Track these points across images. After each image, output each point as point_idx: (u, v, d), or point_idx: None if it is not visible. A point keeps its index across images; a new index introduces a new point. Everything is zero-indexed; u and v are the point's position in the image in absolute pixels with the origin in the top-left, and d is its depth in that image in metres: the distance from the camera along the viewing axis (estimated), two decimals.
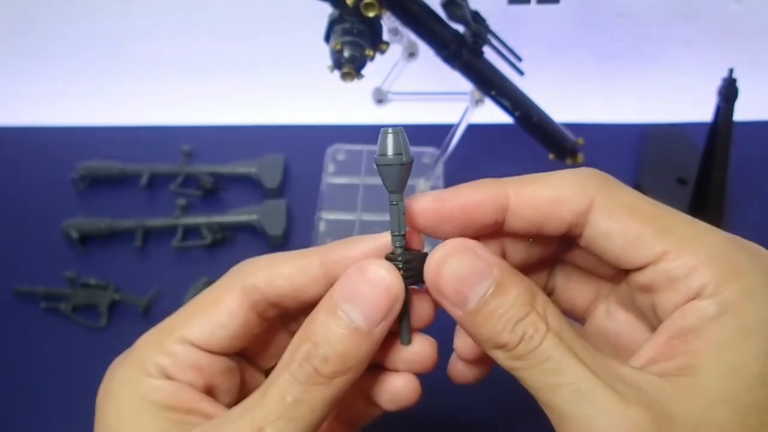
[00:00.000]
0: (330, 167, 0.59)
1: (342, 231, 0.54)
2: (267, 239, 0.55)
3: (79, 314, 0.51)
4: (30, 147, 0.64)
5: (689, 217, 0.25)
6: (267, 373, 0.31)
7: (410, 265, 0.26)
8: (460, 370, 0.30)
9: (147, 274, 0.53)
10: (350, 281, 0.26)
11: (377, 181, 0.58)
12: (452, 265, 0.25)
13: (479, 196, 0.26)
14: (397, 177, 0.26)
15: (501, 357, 0.24)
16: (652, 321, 0.26)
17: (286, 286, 0.28)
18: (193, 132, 0.63)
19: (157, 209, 0.57)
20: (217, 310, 0.28)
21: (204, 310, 0.29)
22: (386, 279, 0.25)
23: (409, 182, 0.57)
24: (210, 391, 0.29)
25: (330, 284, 0.27)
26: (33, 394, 0.46)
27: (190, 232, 0.55)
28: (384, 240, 0.27)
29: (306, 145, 0.60)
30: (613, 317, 0.29)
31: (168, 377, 0.28)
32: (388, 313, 0.25)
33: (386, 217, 0.27)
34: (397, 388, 0.29)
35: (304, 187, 0.58)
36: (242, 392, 0.30)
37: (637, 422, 0.22)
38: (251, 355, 0.31)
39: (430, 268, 0.25)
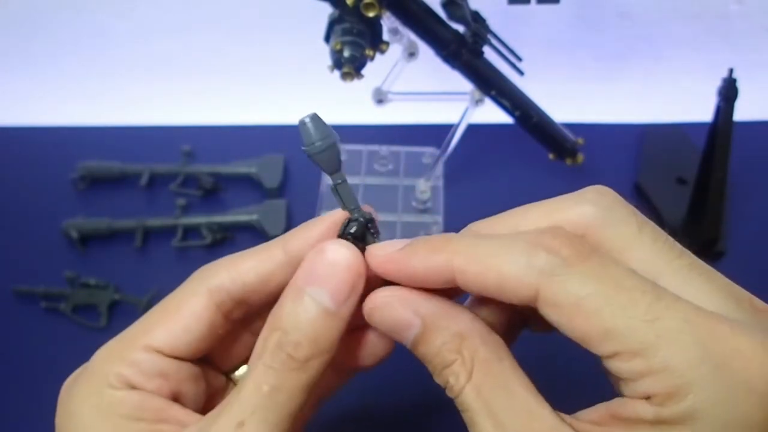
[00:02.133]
0: None
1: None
2: (267, 239, 0.54)
3: (79, 314, 0.51)
4: (30, 147, 0.64)
5: (651, 307, 0.22)
6: (230, 376, 0.31)
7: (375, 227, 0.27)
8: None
9: (147, 274, 0.53)
10: (312, 264, 0.26)
11: (377, 181, 0.58)
12: (380, 316, 0.26)
13: (423, 270, 0.25)
14: (332, 158, 0.27)
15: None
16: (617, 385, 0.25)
17: (251, 278, 0.28)
18: (193, 132, 0.63)
19: (157, 209, 0.57)
20: (182, 314, 0.28)
21: (167, 316, 0.28)
22: (346, 256, 0.26)
23: (410, 182, 0.57)
24: (177, 398, 0.28)
25: (294, 268, 0.27)
26: (33, 394, 0.46)
27: (190, 232, 0.55)
28: (339, 215, 0.28)
29: None
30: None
31: (132, 387, 0.27)
32: (353, 290, 0.26)
33: (387, 217, 0.27)
34: (373, 342, 0.30)
35: (304, 187, 0.58)
36: (207, 397, 0.30)
37: None
38: (213, 359, 0.31)
39: (365, 311, 0.27)
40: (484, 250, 0.25)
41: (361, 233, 0.27)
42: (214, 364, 0.31)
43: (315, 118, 0.26)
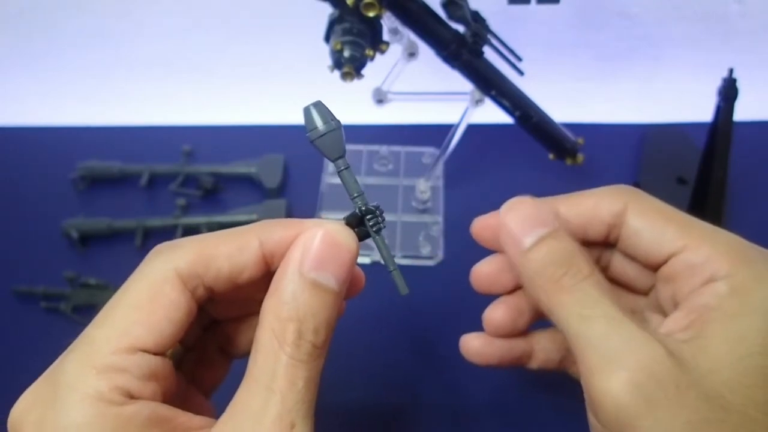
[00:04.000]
0: (330, 167, 0.59)
1: None
2: None
3: (79, 314, 0.51)
4: (30, 147, 0.64)
5: (707, 223, 0.30)
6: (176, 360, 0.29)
7: (376, 219, 0.28)
8: (476, 346, 0.36)
9: None
10: (316, 249, 0.26)
11: (377, 181, 0.58)
12: (520, 209, 0.31)
13: (537, 210, 0.31)
14: (334, 144, 0.28)
15: (542, 292, 0.29)
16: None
17: (225, 267, 0.27)
18: (193, 132, 0.63)
19: (157, 209, 0.57)
20: (159, 305, 0.25)
21: (142, 309, 0.25)
22: (348, 241, 0.26)
23: (410, 182, 0.57)
24: (164, 399, 0.26)
25: (266, 264, 0.27)
26: None
27: (190, 232, 0.55)
28: (318, 227, 0.27)
29: (306, 145, 0.60)
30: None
31: (131, 397, 0.24)
32: (350, 271, 0.27)
33: (387, 217, 0.28)
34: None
35: (304, 187, 0.58)
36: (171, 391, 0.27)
37: (656, 356, 0.26)
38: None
39: (503, 208, 0.32)
40: (577, 193, 0.33)
41: (356, 222, 0.27)
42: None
43: (318, 104, 0.28)
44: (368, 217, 0.27)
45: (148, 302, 0.25)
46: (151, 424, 0.24)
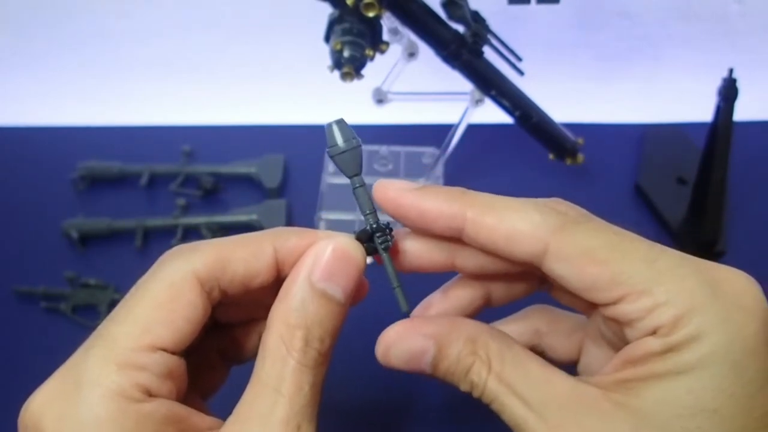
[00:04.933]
0: (330, 167, 0.59)
1: (342, 231, 0.54)
2: None
3: (79, 314, 0.51)
4: (30, 147, 0.64)
5: (650, 251, 0.25)
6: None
7: (385, 237, 0.28)
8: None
9: None
10: (327, 260, 0.27)
11: (377, 181, 0.58)
12: (395, 354, 0.28)
13: (435, 211, 0.27)
14: (352, 162, 0.28)
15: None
16: (620, 345, 0.27)
17: (240, 271, 0.27)
18: (193, 132, 0.63)
19: (157, 209, 0.57)
20: (179, 305, 0.26)
21: (163, 308, 0.26)
22: (358, 255, 0.27)
23: None
24: (179, 399, 0.26)
25: (277, 271, 0.28)
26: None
27: (190, 232, 0.55)
28: (330, 239, 0.28)
29: (306, 145, 0.60)
30: (588, 352, 0.31)
31: (150, 395, 0.25)
32: (355, 285, 0.27)
33: (387, 218, 0.28)
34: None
35: (304, 187, 0.58)
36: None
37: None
38: None
39: (379, 354, 0.28)
40: (498, 205, 0.27)
41: (366, 238, 0.28)
42: None
43: (341, 122, 0.28)
44: (378, 234, 0.28)
45: (168, 301, 0.26)
46: (168, 421, 0.24)
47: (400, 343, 0.28)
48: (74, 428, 0.23)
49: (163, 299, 0.26)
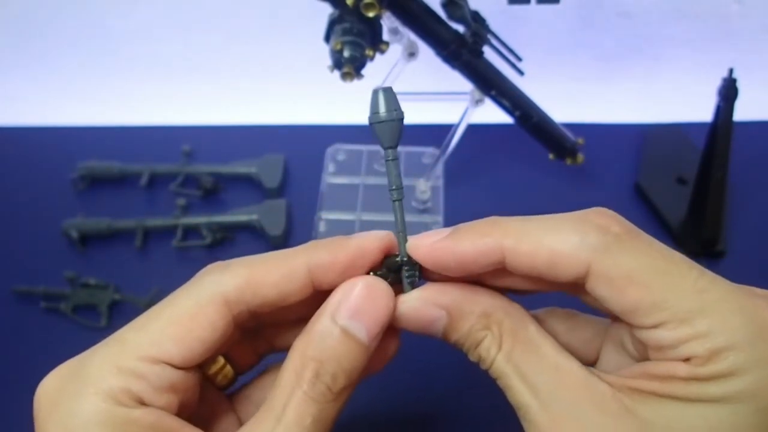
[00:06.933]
0: (330, 167, 0.59)
1: (342, 231, 0.54)
2: (267, 239, 0.55)
3: (79, 314, 0.51)
4: (30, 147, 0.64)
5: (699, 280, 0.24)
6: (211, 378, 0.30)
7: (413, 272, 0.28)
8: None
9: (147, 274, 0.53)
10: (351, 298, 0.26)
11: (377, 181, 0.58)
12: (407, 321, 0.28)
13: (473, 253, 0.26)
14: (392, 133, 0.27)
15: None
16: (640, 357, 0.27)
17: (272, 295, 0.27)
18: (193, 132, 0.63)
19: (157, 209, 0.57)
20: (197, 325, 0.26)
21: (179, 325, 0.26)
22: (387, 298, 0.27)
23: (409, 182, 0.57)
24: (181, 411, 0.26)
25: (313, 289, 0.27)
26: (33, 394, 0.46)
27: (190, 232, 0.55)
28: (367, 243, 0.28)
29: (306, 145, 0.60)
30: (606, 357, 0.30)
31: (142, 403, 0.25)
32: (384, 326, 0.27)
33: (386, 218, 0.28)
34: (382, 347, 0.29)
35: (304, 187, 0.58)
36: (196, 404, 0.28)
37: None
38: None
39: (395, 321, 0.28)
40: (534, 229, 0.25)
41: (394, 268, 0.28)
42: None
43: (388, 90, 0.27)
44: (406, 268, 0.28)
45: (188, 320, 0.26)
46: (154, 430, 0.24)
47: (412, 313, 0.28)
48: (62, 418, 0.24)
49: (183, 316, 0.26)
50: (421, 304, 0.27)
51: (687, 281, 0.24)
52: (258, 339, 0.32)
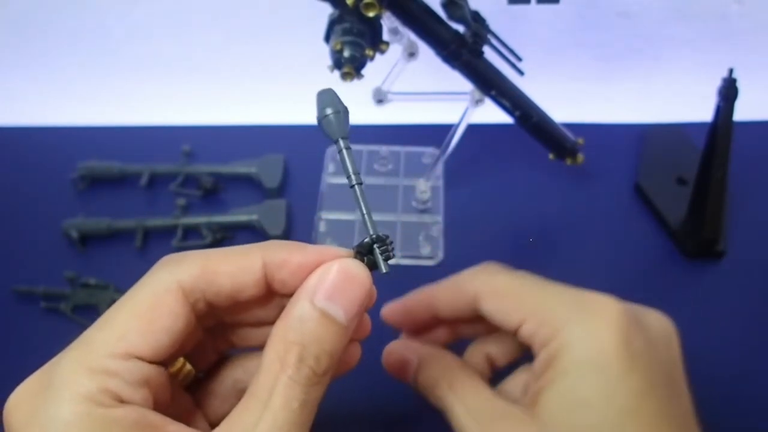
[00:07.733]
0: (330, 167, 0.59)
1: (342, 231, 0.54)
2: (267, 239, 0.55)
3: (79, 314, 0.51)
4: (30, 147, 0.64)
5: (546, 287, 0.33)
6: (173, 376, 0.29)
7: (386, 247, 0.28)
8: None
9: None
10: (328, 280, 0.27)
11: (377, 181, 0.58)
12: (389, 359, 0.37)
13: (419, 310, 0.37)
14: (339, 125, 0.29)
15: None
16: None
17: (227, 285, 0.27)
18: (193, 132, 0.63)
19: (157, 209, 0.57)
20: (158, 315, 0.26)
21: (141, 317, 0.26)
22: (363, 278, 0.27)
23: (410, 182, 0.57)
24: (156, 407, 0.26)
25: (267, 285, 0.28)
26: None
27: (190, 232, 0.55)
28: (326, 252, 0.28)
29: (306, 145, 0.60)
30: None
31: (121, 401, 0.24)
32: (362, 307, 0.27)
33: (387, 217, 0.28)
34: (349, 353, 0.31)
35: (304, 187, 0.58)
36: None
37: None
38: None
39: (383, 358, 0.37)
40: (451, 282, 0.36)
41: (366, 251, 0.28)
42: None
43: (329, 90, 0.30)
44: (378, 245, 0.28)
45: (148, 311, 0.26)
46: (138, 428, 0.24)
47: (397, 352, 0.36)
48: (40, 428, 0.24)
49: (144, 308, 0.26)
50: (404, 348, 0.37)
51: (537, 287, 0.33)
52: (218, 338, 0.32)
